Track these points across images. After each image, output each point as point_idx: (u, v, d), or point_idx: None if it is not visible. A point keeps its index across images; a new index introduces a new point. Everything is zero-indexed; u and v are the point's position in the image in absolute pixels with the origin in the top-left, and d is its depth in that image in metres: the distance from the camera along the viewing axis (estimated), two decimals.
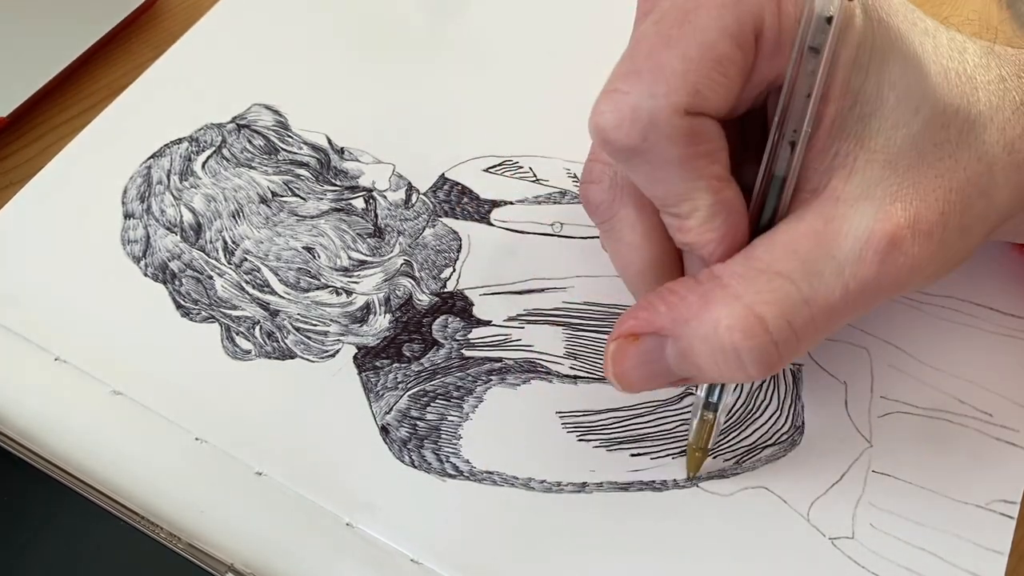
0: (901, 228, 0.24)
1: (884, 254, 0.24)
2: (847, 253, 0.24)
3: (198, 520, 0.29)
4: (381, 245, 0.35)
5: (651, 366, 0.26)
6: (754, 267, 0.24)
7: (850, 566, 0.28)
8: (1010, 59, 0.27)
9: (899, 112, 0.24)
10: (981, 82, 0.26)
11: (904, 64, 0.24)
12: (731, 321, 0.24)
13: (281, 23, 0.42)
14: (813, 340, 0.25)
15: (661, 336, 0.25)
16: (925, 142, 0.24)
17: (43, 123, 0.40)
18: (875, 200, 0.24)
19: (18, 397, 0.31)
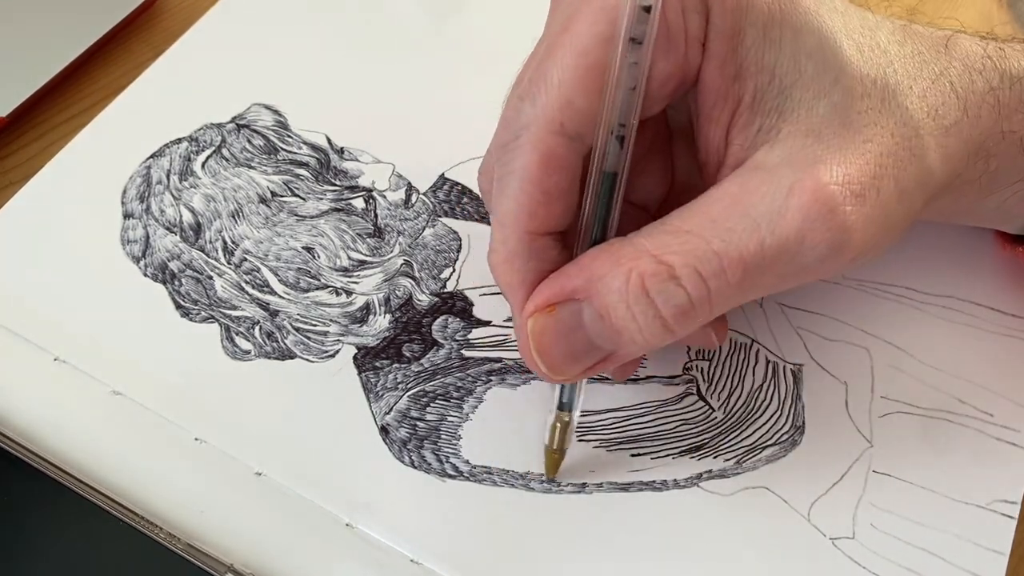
0: (826, 185, 0.24)
1: (807, 210, 0.24)
2: (763, 211, 0.24)
3: (198, 520, 0.29)
4: (381, 245, 0.35)
5: (571, 337, 0.26)
6: (663, 228, 0.25)
7: (850, 566, 0.28)
8: (926, 36, 0.28)
9: (819, 82, 0.25)
10: (896, 55, 0.26)
11: (819, 36, 0.25)
12: (641, 269, 0.24)
13: (281, 23, 0.42)
14: (728, 296, 0.24)
15: (577, 301, 0.25)
16: (848, 110, 0.25)
17: (43, 123, 0.40)
18: (796, 164, 0.24)
19: (18, 397, 0.31)
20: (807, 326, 0.33)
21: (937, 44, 0.27)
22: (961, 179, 0.28)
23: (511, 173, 0.25)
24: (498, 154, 0.26)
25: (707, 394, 0.32)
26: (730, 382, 0.32)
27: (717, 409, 0.32)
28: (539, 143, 0.25)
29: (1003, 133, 0.27)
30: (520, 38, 0.42)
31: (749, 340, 0.33)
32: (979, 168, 0.28)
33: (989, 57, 0.28)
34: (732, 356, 0.33)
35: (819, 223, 0.24)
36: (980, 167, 0.28)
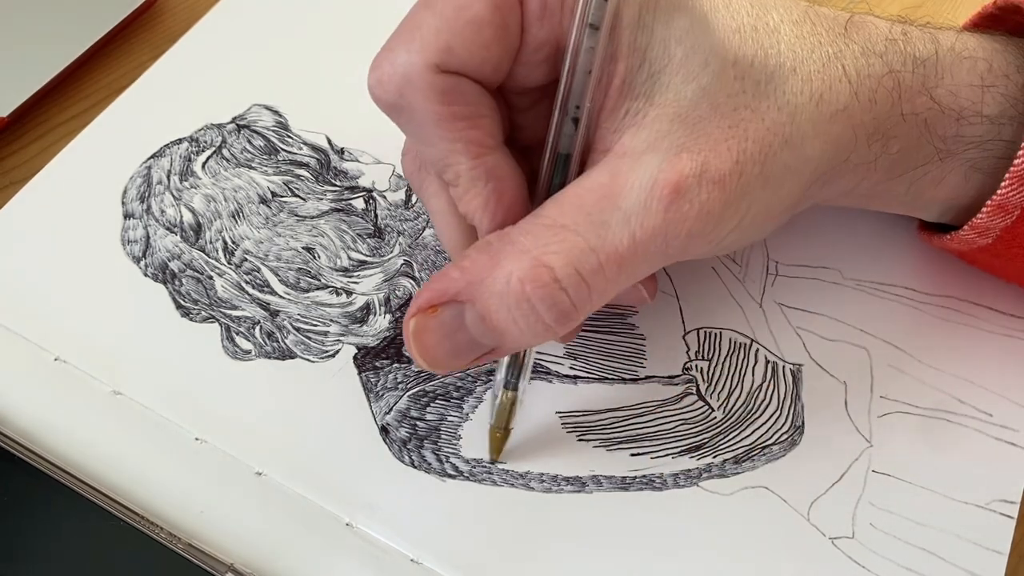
0: (685, 176, 0.24)
1: (668, 201, 0.24)
2: (632, 203, 0.24)
3: (198, 520, 0.29)
4: (381, 245, 0.35)
5: (454, 338, 0.26)
6: (540, 223, 0.25)
7: (850, 566, 0.28)
8: (828, 17, 0.28)
9: (688, 66, 0.25)
10: (786, 35, 0.26)
11: (691, 20, 0.25)
12: (521, 273, 0.24)
13: (281, 23, 0.42)
14: (606, 290, 0.25)
15: (459, 303, 0.25)
16: (718, 94, 0.25)
17: (43, 123, 0.40)
18: (660, 152, 0.24)
19: (18, 397, 0.31)
20: (806, 326, 0.33)
21: (837, 26, 0.27)
22: (850, 163, 0.28)
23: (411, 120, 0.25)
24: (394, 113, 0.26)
25: (707, 394, 0.32)
26: (729, 382, 0.32)
27: (716, 409, 0.32)
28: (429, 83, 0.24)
29: (903, 116, 0.27)
30: None
31: (748, 340, 0.33)
32: (875, 151, 0.28)
33: (893, 39, 0.27)
34: (731, 356, 0.33)
35: (679, 214, 0.24)
36: (876, 149, 0.28)
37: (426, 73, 0.24)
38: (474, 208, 0.26)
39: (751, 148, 0.25)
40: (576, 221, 0.24)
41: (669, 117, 0.25)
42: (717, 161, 0.25)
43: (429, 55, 0.24)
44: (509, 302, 0.24)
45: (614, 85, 0.25)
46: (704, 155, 0.24)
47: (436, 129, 0.25)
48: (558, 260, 0.24)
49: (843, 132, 0.26)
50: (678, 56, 0.25)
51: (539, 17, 0.24)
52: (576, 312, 0.25)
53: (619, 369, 0.32)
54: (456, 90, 0.24)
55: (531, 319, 0.24)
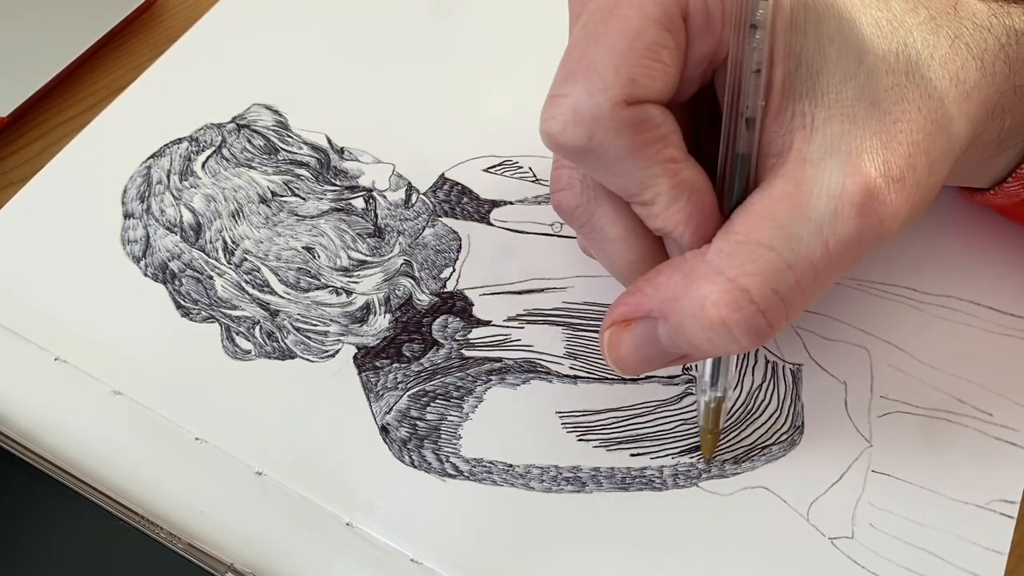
0: (873, 178, 0.24)
1: (861, 206, 0.24)
2: (823, 212, 0.24)
3: (198, 520, 0.29)
4: (381, 245, 0.35)
5: (646, 348, 0.26)
6: (733, 240, 0.25)
7: (850, 566, 0.28)
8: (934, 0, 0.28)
9: (844, 65, 0.25)
10: (912, 24, 0.26)
11: (839, 19, 0.25)
12: (717, 296, 0.24)
13: (281, 23, 0.42)
14: (801, 303, 0.25)
15: (652, 319, 0.26)
16: (876, 90, 0.25)
17: (43, 123, 0.40)
18: (841, 155, 0.24)
19: (18, 397, 0.31)
20: (806, 326, 0.33)
21: (946, 6, 0.27)
22: (982, 140, 0.28)
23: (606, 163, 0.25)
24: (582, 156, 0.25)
25: None
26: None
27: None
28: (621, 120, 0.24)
29: (1015, 88, 0.28)
30: (520, 38, 0.42)
31: None
32: (996, 126, 0.28)
33: (994, 15, 0.28)
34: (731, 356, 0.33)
35: (872, 217, 0.24)
36: (997, 125, 0.28)
37: (615, 111, 0.24)
38: (675, 223, 0.26)
39: (917, 139, 0.25)
40: (769, 236, 0.24)
41: (838, 119, 0.25)
42: (895, 158, 0.25)
43: (614, 93, 0.23)
44: (703, 323, 0.24)
45: (775, 88, 0.25)
46: (883, 154, 0.24)
47: (632, 160, 0.24)
48: (754, 282, 0.24)
49: (978, 109, 0.27)
50: (833, 56, 0.25)
51: (703, 31, 0.25)
52: (772, 331, 0.25)
53: None
54: (645, 118, 0.24)
55: (726, 339, 0.25)
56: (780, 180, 0.25)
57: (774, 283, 0.24)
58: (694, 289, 0.25)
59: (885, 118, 0.25)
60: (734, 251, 0.24)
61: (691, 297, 0.25)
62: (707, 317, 0.24)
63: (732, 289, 0.24)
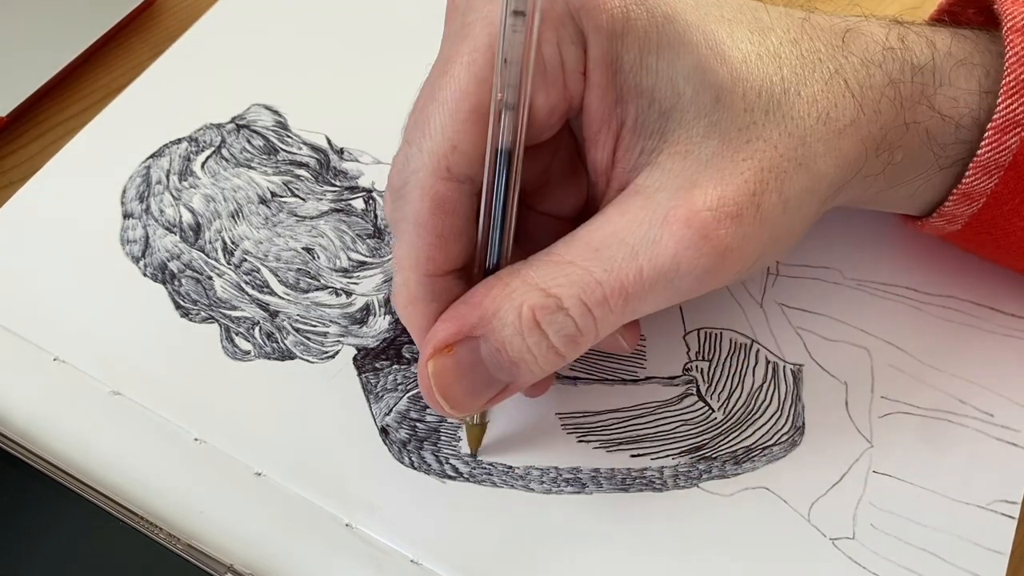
0: (698, 212, 0.24)
1: (680, 237, 0.24)
2: (640, 238, 0.24)
3: (197, 520, 0.29)
4: (381, 246, 0.35)
5: (471, 374, 0.26)
6: (549, 260, 0.25)
7: (850, 566, 0.28)
8: (825, 29, 0.27)
9: (698, 102, 0.25)
10: (787, 58, 0.26)
11: (697, 56, 0.25)
12: (532, 302, 0.25)
13: (281, 23, 0.42)
14: (610, 320, 0.25)
15: (473, 338, 0.26)
16: (728, 128, 0.25)
17: (43, 123, 0.40)
18: (671, 190, 0.25)
19: (18, 397, 0.31)
20: (807, 326, 0.33)
21: (835, 38, 0.27)
22: (862, 175, 0.28)
23: (404, 219, 0.26)
24: (392, 199, 0.27)
25: (707, 395, 0.32)
26: (730, 382, 0.32)
27: (717, 410, 0.32)
28: (428, 189, 0.25)
29: (906, 125, 0.27)
30: None
31: (749, 340, 0.33)
32: (882, 160, 0.28)
33: (890, 48, 0.27)
34: (732, 356, 0.33)
35: (692, 250, 0.24)
36: (884, 159, 0.28)
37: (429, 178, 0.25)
38: (412, 322, 0.27)
39: (767, 177, 0.25)
40: (584, 256, 0.25)
41: (681, 155, 0.25)
42: (734, 194, 0.24)
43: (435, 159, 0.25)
44: (522, 331, 0.25)
45: (626, 126, 0.25)
46: (719, 190, 0.24)
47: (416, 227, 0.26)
48: (564, 291, 0.25)
49: (853, 146, 0.26)
50: (687, 94, 0.25)
51: (544, 84, 0.25)
52: (583, 338, 0.25)
53: (619, 370, 0.32)
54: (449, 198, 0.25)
55: (543, 345, 0.25)
56: (608, 209, 0.25)
57: (583, 295, 0.24)
58: (511, 300, 0.25)
59: (734, 155, 0.25)
60: (547, 267, 0.25)
61: (509, 308, 0.25)
62: (524, 323, 0.25)
63: (544, 296, 0.25)
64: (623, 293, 0.24)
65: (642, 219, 0.24)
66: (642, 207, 0.25)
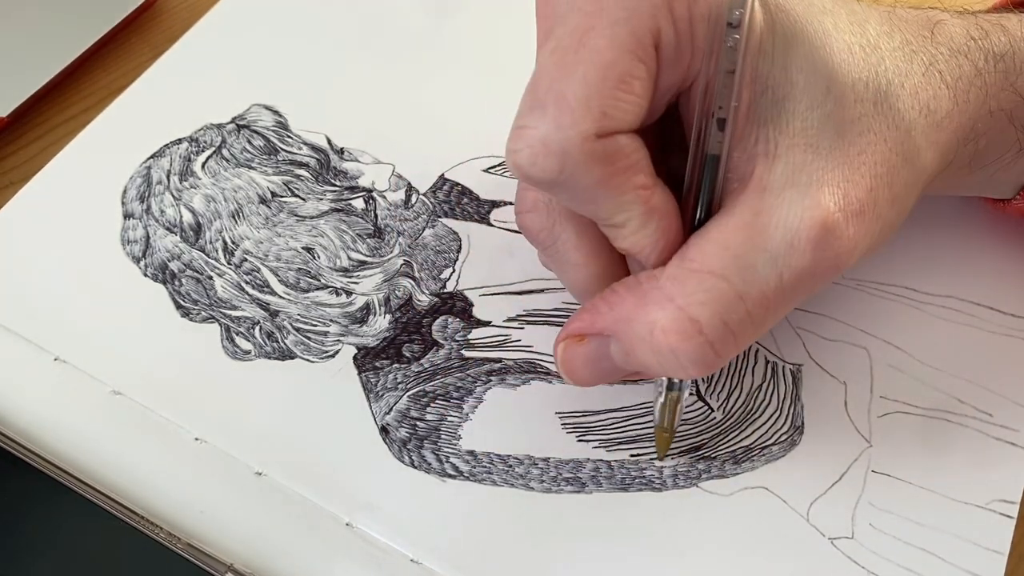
0: (832, 213, 0.24)
1: (817, 241, 0.24)
2: (778, 244, 0.24)
3: (198, 520, 0.29)
4: (381, 245, 0.35)
5: (599, 364, 0.27)
6: (687, 268, 0.25)
7: (850, 566, 0.28)
8: (912, 21, 0.27)
9: (810, 93, 0.25)
10: (886, 50, 0.26)
11: (809, 46, 0.25)
12: (666, 324, 0.24)
13: (281, 23, 0.42)
14: (751, 335, 0.25)
15: (605, 336, 0.26)
16: (842, 120, 0.25)
17: (43, 123, 0.40)
18: (801, 187, 0.24)
19: (18, 397, 0.31)
20: (806, 326, 0.33)
21: (923, 30, 0.27)
22: (952, 165, 0.28)
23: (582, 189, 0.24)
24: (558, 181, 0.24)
25: (706, 394, 0.32)
26: (729, 382, 0.32)
27: (716, 409, 0.32)
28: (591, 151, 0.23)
29: (991, 112, 0.28)
30: (520, 38, 0.42)
31: None
32: (969, 150, 0.28)
33: (973, 38, 0.27)
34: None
35: (828, 252, 0.24)
36: (970, 148, 0.28)
37: (585, 145, 0.23)
38: (643, 246, 0.25)
39: (880, 171, 0.25)
40: (723, 265, 0.24)
41: (802, 147, 0.24)
42: (856, 191, 0.24)
43: (585, 127, 0.23)
44: (652, 348, 0.25)
45: (740, 112, 0.25)
46: (844, 187, 0.24)
47: (603, 190, 0.24)
48: (705, 312, 0.24)
49: (948, 138, 0.27)
50: (800, 83, 0.24)
51: (673, 59, 0.24)
52: (721, 361, 0.25)
53: None
54: (615, 149, 0.24)
55: (674, 365, 0.25)
56: (739, 208, 0.25)
57: (724, 314, 0.24)
58: (645, 313, 0.25)
59: (849, 149, 0.25)
60: (687, 279, 0.24)
61: (642, 321, 0.25)
62: (656, 343, 0.24)
63: (682, 318, 0.24)
64: (764, 304, 0.24)
65: (777, 222, 0.24)
66: (775, 207, 0.24)
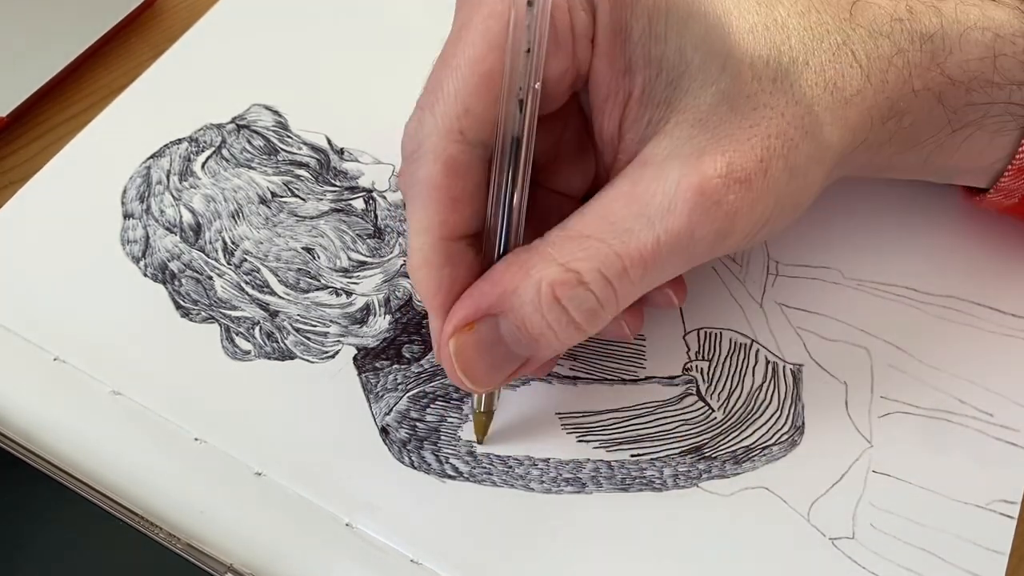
0: (710, 179, 0.25)
1: (694, 204, 0.24)
2: (656, 208, 0.25)
3: (197, 520, 0.29)
4: (381, 246, 0.35)
5: (492, 351, 0.27)
6: (565, 234, 0.26)
7: (850, 566, 0.28)
8: (834, 2, 0.28)
9: (705, 71, 0.25)
10: (794, 28, 0.26)
11: (705, 25, 0.25)
12: (551, 278, 0.25)
13: (281, 23, 0.42)
14: (631, 291, 0.26)
15: (493, 316, 0.26)
16: (736, 95, 0.25)
17: (43, 123, 0.40)
18: (682, 157, 0.25)
19: (18, 397, 0.31)
20: (807, 326, 0.33)
21: (842, 11, 0.28)
22: (868, 143, 0.28)
23: (417, 183, 0.26)
24: (405, 165, 0.27)
25: (707, 394, 0.32)
26: (730, 382, 0.32)
27: (717, 409, 0.32)
28: (441, 152, 0.25)
29: (915, 91, 0.28)
30: None
31: (749, 340, 0.33)
32: (889, 128, 0.28)
33: (898, 19, 0.28)
34: (732, 356, 0.33)
35: (705, 216, 0.25)
36: (891, 127, 0.28)
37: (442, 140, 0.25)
38: (424, 286, 0.27)
39: (774, 144, 0.25)
40: (601, 230, 0.25)
41: (689, 123, 0.25)
42: (742, 160, 0.25)
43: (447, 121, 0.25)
44: (542, 308, 0.25)
45: (634, 96, 0.26)
46: (728, 155, 0.25)
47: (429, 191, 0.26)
48: (584, 265, 0.25)
49: (859, 116, 0.27)
50: (695, 62, 0.25)
51: (552, 50, 0.25)
52: (603, 311, 0.26)
53: (619, 370, 0.32)
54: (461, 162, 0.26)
55: (563, 320, 0.25)
56: (619, 181, 0.26)
57: (603, 267, 0.25)
58: (530, 276, 0.25)
59: (741, 122, 0.25)
60: (565, 243, 0.25)
61: (528, 284, 0.25)
62: (543, 299, 0.25)
63: (564, 271, 0.25)
64: (642, 263, 0.25)
65: (655, 189, 0.25)
66: (654, 177, 0.25)
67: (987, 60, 0.28)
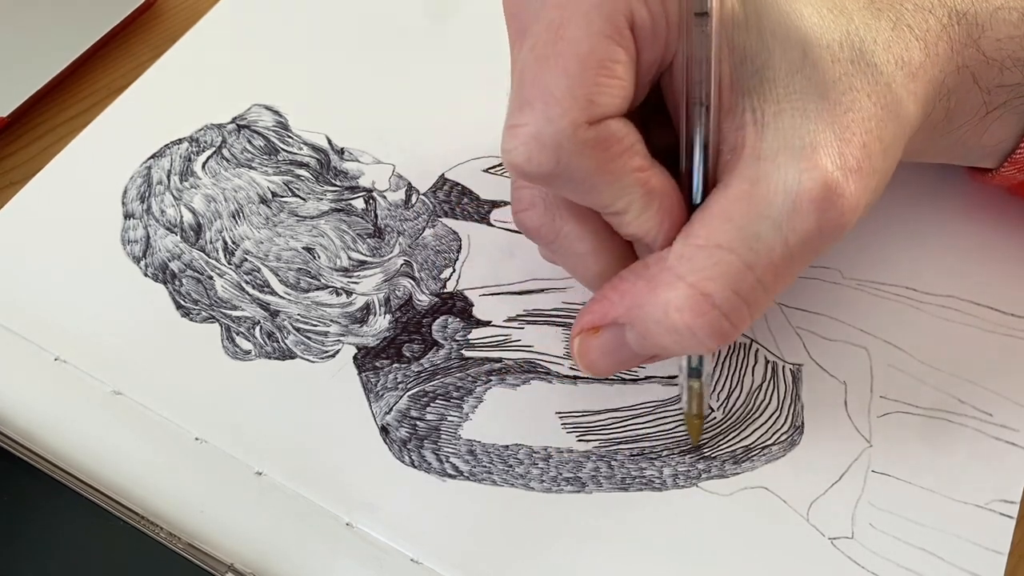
0: (830, 172, 0.24)
1: (820, 201, 0.24)
2: (780, 209, 0.24)
3: (198, 520, 0.29)
4: (381, 245, 0.35)
5: (616, 353, 0.27)
6: (693, 244, 0.25)
7: (850, 566, 0.28)
8: None
9: (788, 58, 0.25)
10: (853, 9, 0.26)
11: (779, 13, 0.25)
12: (679, 302, 0.24)
13: (281, 23, 0.42)
14: (764, 302, 0.25)
15: (619, 324, 0.26)
16: (823, 81, 0.25)
17: (43, 123, 0.40)
18: (795, 150, 0.24)
19: (18, 397, 0.31)
20: (806, 326, 0.33)
21: None
22: (929, 120, 0.28)
23: None
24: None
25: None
26: (729, 382, 0.32)
27: (716, 409, 0.32)
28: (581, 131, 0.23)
29: (959, 68, 0.28)
30: None
31: (748, 340, 0.33)
32: (942, 107, 0.28)
33: None
34: (731, 356, 0.33)
35: (831, 211, 0.24)
36: (943, 105, 0.28)
37: (577, 134, 0.23)
38: (648, 229, 0.26)
39: (869, 126, 0.25)
40: (728, 238, 0.24)
41: (789, 112, 0.25)
42: (850, 149, 0.25)
43: (575, 115, 0.23)
44: (668, 328, 0.25)
45: (724, 84, 0.25)
46: (837, 146, 0.25)
47: (601, 177, 0.24)
48: (715, 286, 0.24)
49: (925, 89, 0.27)
50: (777, 50, 0.25)
51: (650, 38, 0.24)
52: (736, 331, 0.25)
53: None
54: (607, 135, 0.24)
55: (691, 342, 0.25)
56: (736, 179, 0.25)
57: (735, 285, 0.24)
58: (657, 295, 0.25)
59: (836, 108, 0.25)
60: (694, 256, 0.25)
61: (655, 303, 0.25)
62: (671, 323, 0.25)
63: (694, 295, 0.24)
64: (773, 270, 0.24)
65: (776, 188, 0.24)
66: (772, 174, 0.24)
67: (1016, 39, 0.28)
